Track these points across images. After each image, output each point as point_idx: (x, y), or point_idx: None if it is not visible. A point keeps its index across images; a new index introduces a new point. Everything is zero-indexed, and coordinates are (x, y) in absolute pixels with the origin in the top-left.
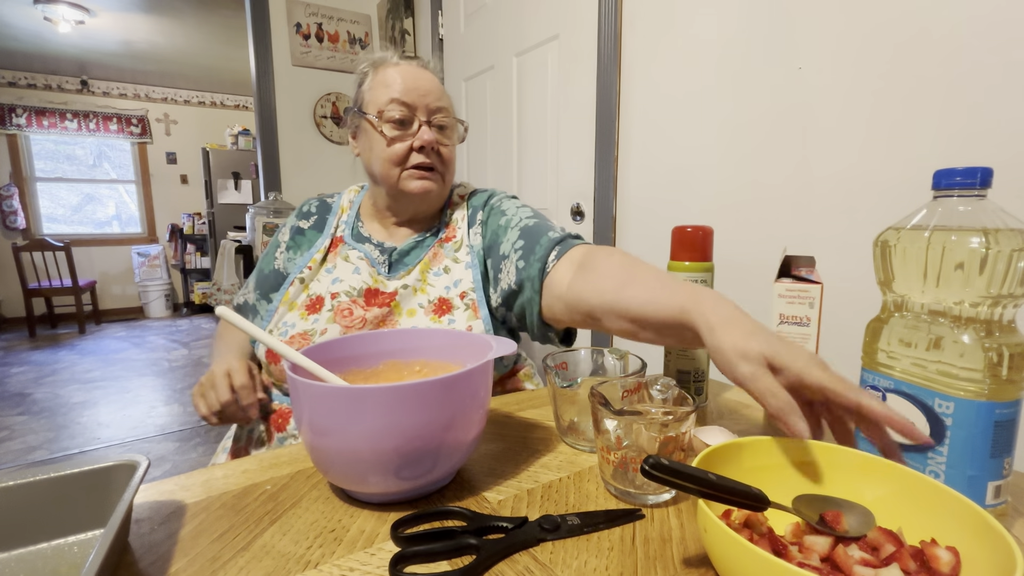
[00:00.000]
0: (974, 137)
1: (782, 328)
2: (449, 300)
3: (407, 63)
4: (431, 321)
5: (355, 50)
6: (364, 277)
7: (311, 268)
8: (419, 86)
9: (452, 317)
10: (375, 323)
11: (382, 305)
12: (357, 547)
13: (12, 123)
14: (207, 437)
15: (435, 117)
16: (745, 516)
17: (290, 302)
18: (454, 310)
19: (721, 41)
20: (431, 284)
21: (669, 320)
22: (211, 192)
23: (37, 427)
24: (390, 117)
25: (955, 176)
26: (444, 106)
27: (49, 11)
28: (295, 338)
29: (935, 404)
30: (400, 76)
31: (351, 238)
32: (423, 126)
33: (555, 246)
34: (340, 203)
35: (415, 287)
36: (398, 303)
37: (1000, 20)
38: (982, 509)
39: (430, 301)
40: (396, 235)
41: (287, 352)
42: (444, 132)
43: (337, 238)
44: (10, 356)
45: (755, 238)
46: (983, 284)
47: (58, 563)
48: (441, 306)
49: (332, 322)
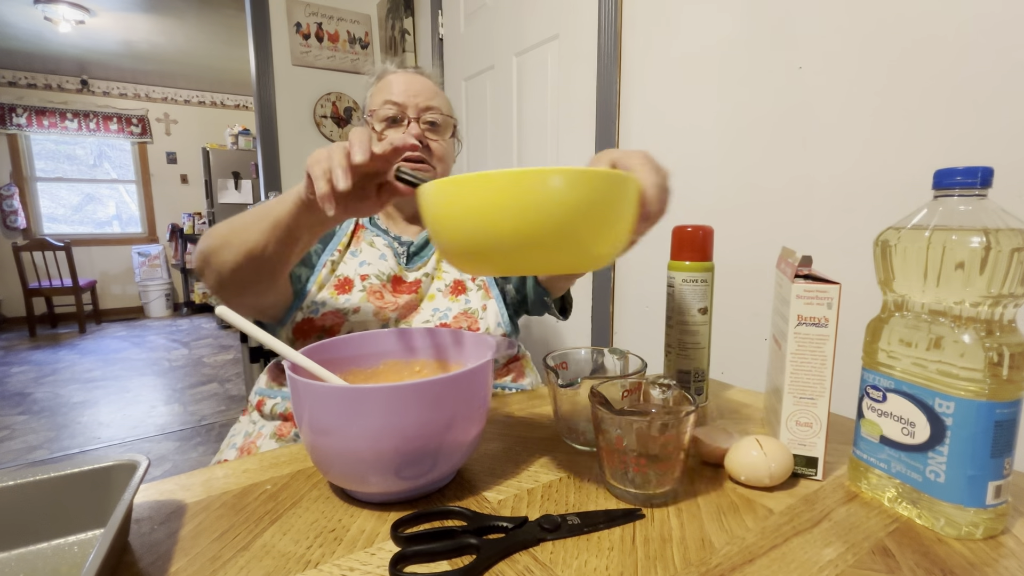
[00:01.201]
0: (976, 139)
1: (800, 329)
2: (463, 282)
3: (403, 71)
4: (450, 302)
5: (355, 50)
6: (391, 264)
7: (340, 251)
8: (410, 88)
9: (467, 297)
10: (406, 309)
11: (409, 292)
12: (357, 547)
13: (12, 123)
14: (207, 437)
15: (425, 115)
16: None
17: (321, 283)
18: (468, 291)
19: (722, 41)
20: (446, 270)
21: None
22: (211, 192)
23: (37, 426)
24: (382, 115)
25: (955, 176)
26: (435, 105)
27: (49, 11)
28: (327, 315)
29: (935, 404)
30: (395, 81)
31: (371, 225)
32: (412, 122)
33: None
34: None
35: (432, 275)
36: (422, 290)
37: (1004, 21)
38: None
39: (447, 285)
40: (408, 231)
41: (287, 352)
42: (435, 129)
43: (359, 225)
44: (10, 356)
45: (755, 238)
46: (984, 284)
47: (58, 563)
48: (457, 287)
49: (366, 301)
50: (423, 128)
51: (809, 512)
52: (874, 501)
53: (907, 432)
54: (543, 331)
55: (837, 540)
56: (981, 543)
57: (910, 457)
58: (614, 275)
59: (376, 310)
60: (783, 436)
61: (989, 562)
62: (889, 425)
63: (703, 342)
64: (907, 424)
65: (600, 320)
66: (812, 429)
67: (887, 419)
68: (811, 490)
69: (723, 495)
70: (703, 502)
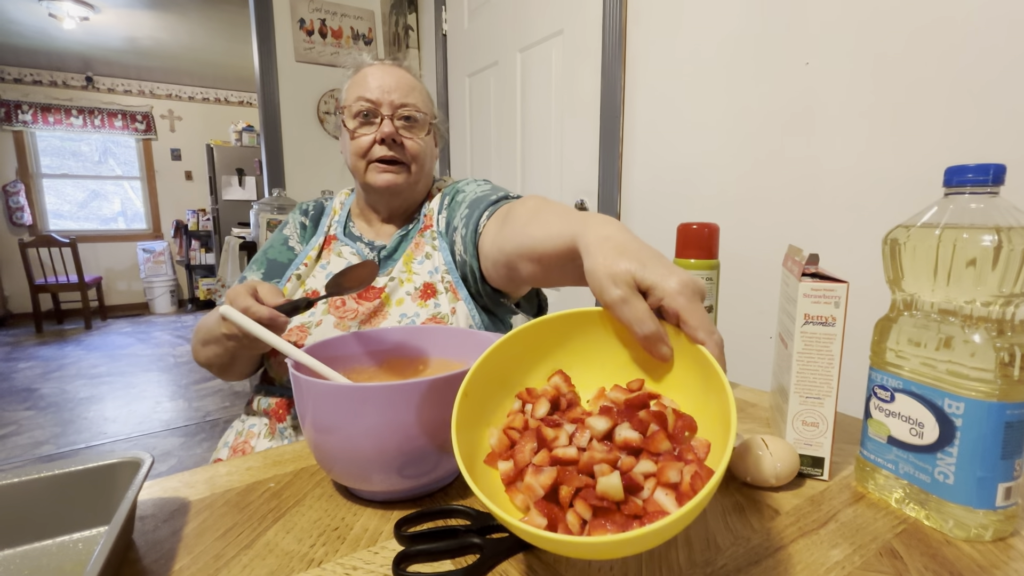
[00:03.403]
0: (987, 136)
1: (806, 328)
2: (433, 284)
3: (380, 63)
4: (419, 307)
5: (359, 46)
6: None
7: (307, 265)
8: (384, 83)
9: (437, 301)
10: (368, 315)
11: (373, 298)
12: (360, 546)
13: (18, 120)
14: (212, 433)
15: (400, 111)
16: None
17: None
18: (438, 294)
19: (727, 35)
20: (416, 272)
21: (564, 251)
22: (215, 188)
23: (44, 422)
24: (355, 111)
25: (967, 173)
26: (410, 102)
27: (54, 7)
28: (292, 331)
29: (945, 404)
30: (370, 75)
31: (343, 235)
32: (385, 120)
33: (488, 207)
34: (333, 205)
35: (400, 278)
36: (388, 295)
37: (1014, 16)
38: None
39: (416, 288)
40: (382, 232)
41: (291, 350)
42: (411, 126)
43: (330, 236)
44: (17, 351)
45: (761, 235)
46: (995, 283)
47: (63, 560)
48: (426, 291)
49: (326, 314)
50: (397, 126)
51: (815, 513)
52: (881, 502)
53: (915, 433)
54: None
55: (844, 541)
56: (990, 545)
57: (918, 458)
58: None
59: (336, 321)
60: (789, 436)
61: (999, 564)
62: (897, 425)
63: None
64: (915, 424)
65: None
66: (818, 429)
67: (895, 419)
68: (817, 490)
69: (728, 495)
70: (708, 502)
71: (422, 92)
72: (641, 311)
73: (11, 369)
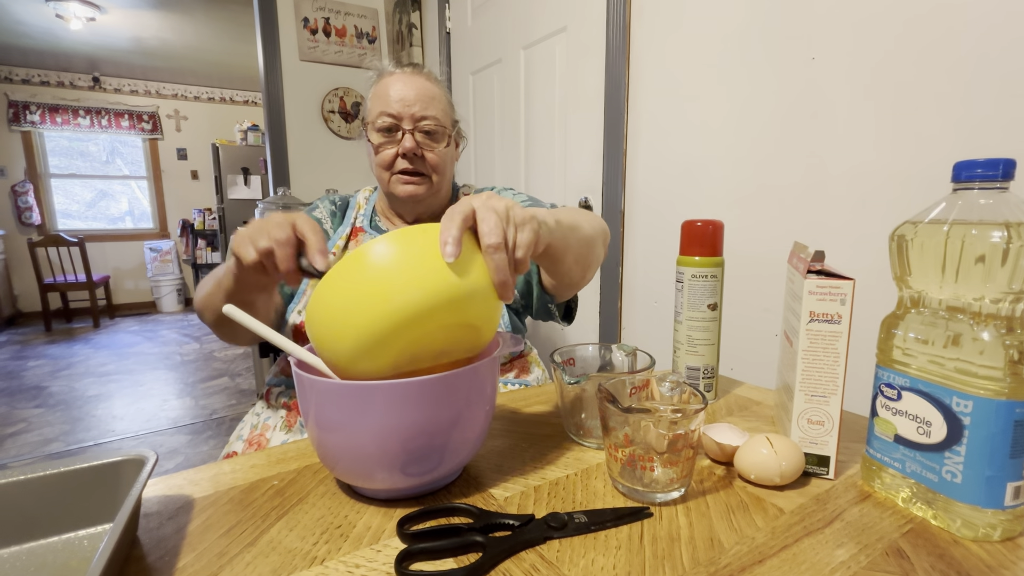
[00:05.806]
0: (996, 130)
1: (812, 326)
2: None
3: (402, 72)
4: None
5: (362, 44)
6: None
7: (334, 254)
8: (406, 96)
9: None
10: None
11: None
12: (363, 543)
13: (26, 120)
14: (218, 431)
15: (420, 124)
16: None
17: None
18: None
19: (732, 32)
20: None
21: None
22: (221, 187)
23: (53, 419)
24: (378, 127)
25: (976, 168)
26: (430, 114)
27: (60, 8)
28: (295, 328)
29: (953, 403)
30: (391, 87)
31: (369, 227)
32: (406, 134)
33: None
34: (357, 200)
35: None
36: None
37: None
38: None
39: None
40: None
41: (293, 348)
42: (431, 137)
43: (357, 227)
44: (27, 350)
45: (767, 232)
46: (1004, 279)
47: (68, 556)
48: None
49: None
50: (418, 139)
51: (821, 512)
52: (888, 501)
53: (923, 431)
54: (550, 327)
55: (850, 541)
56: (999, 545)
57: (926, 457)
58: (622, 271)
59: None
60: (794, 434)
61: (1007, 564)
62: (904, 424)
63: (712, 338)
64: (923, 423)
65: (608, 316)
66: (824, 427)
67: (902, 418)
68: (823, 489)
69: (732, 494)
70: (712, 501)
71: (442, 100)
72: (458, 216)
73: (21, 367)
